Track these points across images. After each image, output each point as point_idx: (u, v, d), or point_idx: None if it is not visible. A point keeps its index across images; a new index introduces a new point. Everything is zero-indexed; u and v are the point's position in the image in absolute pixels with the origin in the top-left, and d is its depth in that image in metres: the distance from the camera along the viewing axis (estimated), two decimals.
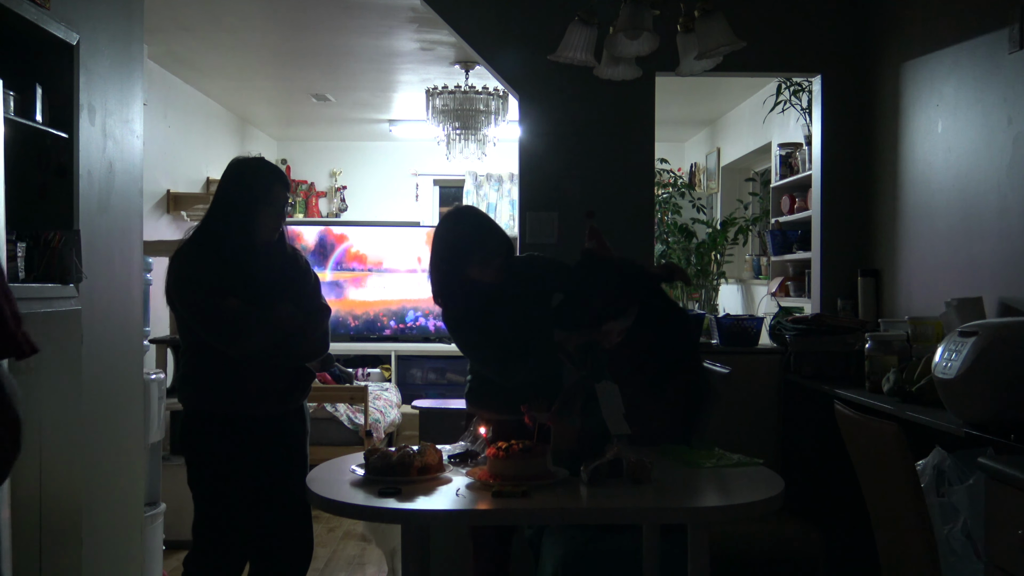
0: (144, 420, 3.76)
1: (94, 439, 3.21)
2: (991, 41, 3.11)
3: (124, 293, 3.45)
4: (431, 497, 2.14)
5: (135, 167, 3.65)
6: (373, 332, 7.85)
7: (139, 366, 3.68)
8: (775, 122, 5.65)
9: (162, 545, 4.02)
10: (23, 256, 2.85)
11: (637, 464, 2.20)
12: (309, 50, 5.61)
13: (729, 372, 3.00)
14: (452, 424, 3.36)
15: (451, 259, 2.79)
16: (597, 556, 2.66)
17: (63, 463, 2.92)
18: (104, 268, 3.31)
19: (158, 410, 3.98)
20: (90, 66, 3.23)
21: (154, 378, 3.95)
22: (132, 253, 3.54)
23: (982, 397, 2.35)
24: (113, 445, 3.42)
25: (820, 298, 4.17)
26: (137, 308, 3.63)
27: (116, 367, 3.45)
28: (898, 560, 2.31)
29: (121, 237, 3.45)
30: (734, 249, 6.86)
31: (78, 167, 3.11)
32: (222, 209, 2.81)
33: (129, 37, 3.62)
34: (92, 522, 3.15)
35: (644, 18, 2.67)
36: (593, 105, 4.08)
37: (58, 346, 2.93)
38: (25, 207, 2.97)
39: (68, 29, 3.06)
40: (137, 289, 3.61)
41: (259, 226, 2.79)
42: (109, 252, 3.34)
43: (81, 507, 3.05)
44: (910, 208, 3.71)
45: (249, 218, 2.78)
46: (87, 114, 3.20)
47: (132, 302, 3.56)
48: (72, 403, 3.01)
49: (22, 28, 2.89)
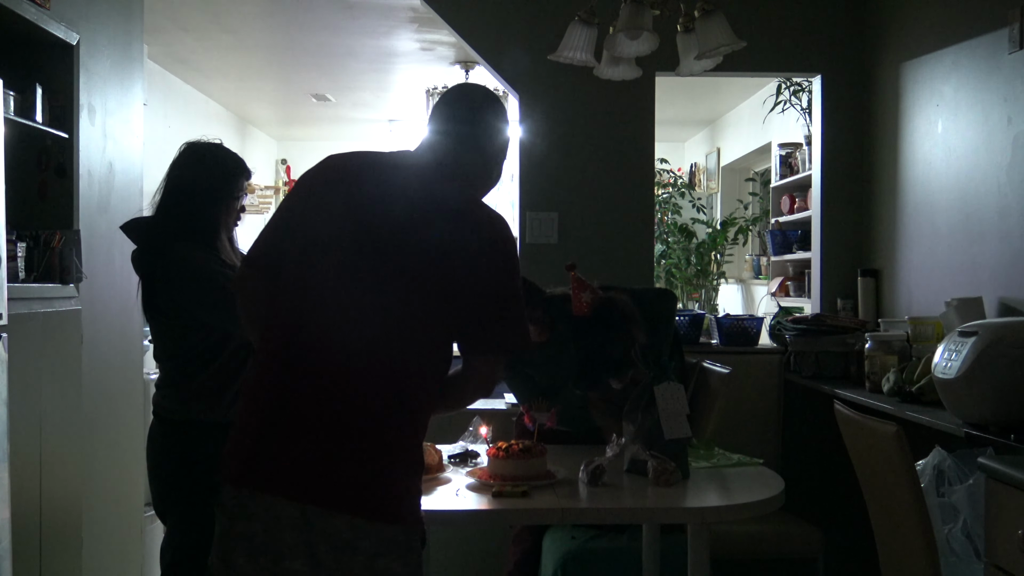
0: (144, 420, 3.76)
1: (94, 439, 3.21)
2: (991, 41, 3.11)
3: (124, 293, 3.45)
4: (431, 497, 2.13)
5: (135, 167, 3.65)
6: None
7: (139, 366, 3.68)
8: (775, 122, 5.65)
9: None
10: (23, 256, 2.85)
11: (662, 470, 2.20)
12: (309, 50, 5.61)
13: (729, 372, 3.00)
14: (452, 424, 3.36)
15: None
16: (597, 556, 2.66)
17: (63, 463, 2.93)
18: (104, 268, 3.32)
19: None
20: (90, 66, 3.23)
21: (154, 378, 3.94)
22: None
23: (982, 397, 2.35)
24: (113, 445, 3.42)
25: (820, 298, 4.17)
26: (137, 308, 3.62)
27: (116, 367, 3.45)
28: (898, 560, 2.31)
29: (121, 237, 3.44)
30: (734, 249, 6.86)
31: (78, 167, 3.11)
32: (184, 196, 2.42)
33: (129, 37, 3.62)
34: (92, 522, 3.15)
35: (644, 18, 2.67)
36: (593, 105, 4.08)
37: (58, 346, 2.94)
38: (25, 207, 2.97)
39: (68, 29, 3.06)
40: (137, 289, 3.60)
41: (225, 220, 2.49)
42: (109, 252, 3.34)
43: (81, 507, 3.05)
44: (910, 208, 3.71)
45: (217, 209, 2.46)
46: (87, 114, 3.20)
47: (132, 302, 3.55)
48: (72, 403, 3.01)
49: (22, 28, 2.89)
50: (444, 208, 1.71)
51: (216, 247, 2.44)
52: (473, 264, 1.67)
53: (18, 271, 2.80)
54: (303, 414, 1.61)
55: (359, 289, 1.65)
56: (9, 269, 2.83)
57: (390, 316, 1.64)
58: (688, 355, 3.30)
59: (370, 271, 1.65)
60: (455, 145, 1.80)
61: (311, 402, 1.61)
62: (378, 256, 1.65)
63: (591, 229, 4.09)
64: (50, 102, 3.05)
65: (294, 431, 1.60)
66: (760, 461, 2.47)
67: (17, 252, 2.83)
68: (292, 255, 1.70)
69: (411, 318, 1.64)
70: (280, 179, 8.70)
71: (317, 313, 1.66)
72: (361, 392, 1.61)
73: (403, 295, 1.64)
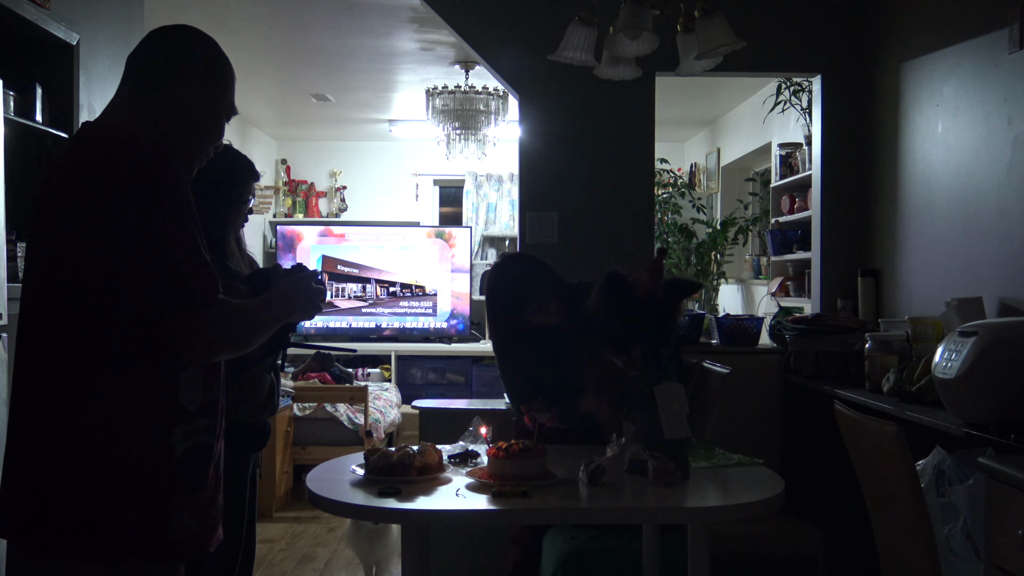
0: None
1: None
2: (991, 41, 3.11)
3: None
4: (431, 497, 2.14)
5: None
6: (373, 332, 7.87)
7: None
8: (775, 122, 5.65)
9: None
10: (23, 256, 2.85)
11: (662, 470, 2.20)
12: (309, 50, 5.61)
13: (729, 372, 3.00)
14: (452, 424, 3.36)
15: (501, 315, 2.89)
16: (597, 556, 2.66)
17: None
18: None
19: None
20: (90, 66, 3.23)
21: None
22: None
23: (982, 397, 2.35)
24: None
25: (820, 298, 4.17)
26: None
27: None
28: (898, 560, 2.31)
29: None
30: (734, 249, 6.86)
31: None
32: (197, 198, 2.43)
33: (129, 37, 3.62)
34: None
35: (644, 18, 2.67)
36: (593, 105, 4.08)
37: None
38: (25, 207, 2.97)
39: (68, 29, 3.06)
40: None
41: (233, 223, 2.49)
42: None
43: None
44: (910, 208, 3.71)
45: (227, 213, 2.45)
46: (87, 114, 3.21)
47: None
48: None
49: (22, 28, 2.89)
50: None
51: (224, 252, 2.42)
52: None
53: (18, 271, 2.80)
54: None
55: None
56: (9, 269, 2.83)
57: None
58: (688, 355, 3.30)
59: None
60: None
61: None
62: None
63: (591, 229, 4.09)
64: (50, 102, 3.06)
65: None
66: (760, 461, 2.47)
67: (17, 252, 2.83)
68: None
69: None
70: (280, 179, 8.71)
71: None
72: None
73: None
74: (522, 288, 2.85)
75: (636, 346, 2.38)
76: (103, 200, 1.52)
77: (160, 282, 1.53)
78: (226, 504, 2.01)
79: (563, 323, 2.86)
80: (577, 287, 2.94)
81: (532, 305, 2.84)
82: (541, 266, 2.93)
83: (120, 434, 1.54)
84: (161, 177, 1.55)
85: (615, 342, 2.43)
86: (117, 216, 1.51)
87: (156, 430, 1.57)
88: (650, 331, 2.36)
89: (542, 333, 2.88)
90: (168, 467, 1.58)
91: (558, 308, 2.85)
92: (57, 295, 1.56)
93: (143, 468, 1.56)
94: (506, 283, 2.90)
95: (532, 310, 2.85)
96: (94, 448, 1.53)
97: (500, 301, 2.91)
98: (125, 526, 1.54)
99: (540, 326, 2.88)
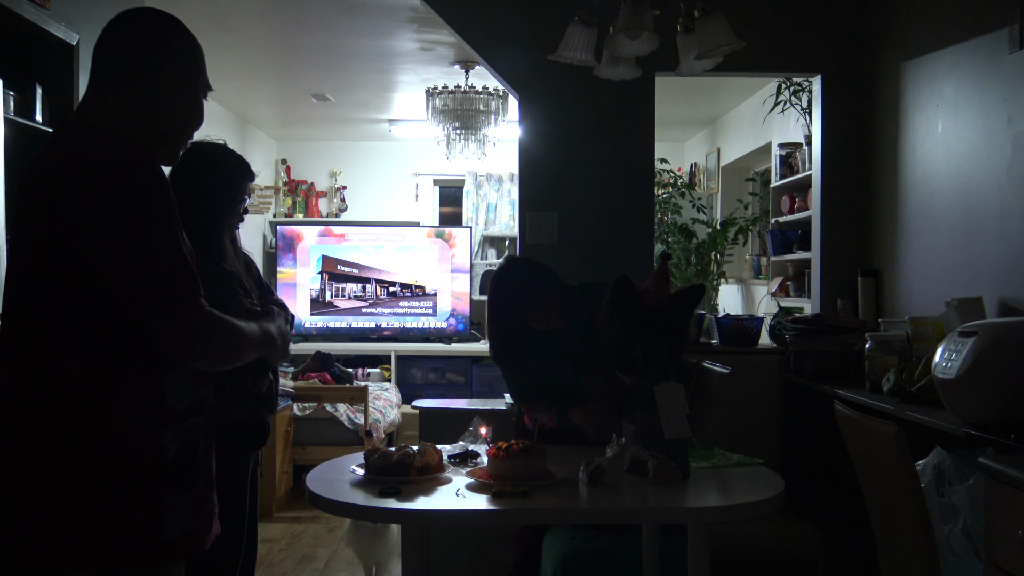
0: None
1: None
2: (991, 41, 3.11)
3: None
4: (431, 497, 2.14)
5: None
6: (373, 332, 7.87)
7: None
8: (775, 122, 5.65)
9: None
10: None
11: (662, 470, 2.20)
12: (309, 50, 5.61)
13: (729, 372, 3.00)
14: (452, 424, 3.36)
15: (502, 319, 2.89)
16: (597, 556, 2.66)
17: None
18: None
19: None
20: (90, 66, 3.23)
21: None
22: None
23: (982, 397, 2.35)
24: None
25: (820, 298, 4.17)
26: None
27: None
28: (898, 560, 2.31)
29: None
30: (734, 249, 6.86)
31: None
32: (189, 199, 2.23)
33: None
34: None
35: (644, 18, 2.67)
36: (593, 105, 4.08)
37: None
38: None
39: (68, 29, 3.06)
40: None
41: (228, 223, 2.48)
42: None
43: None
44: (910, 208, 3.71)
45: (222, 213, 2.44)
46: None
47: None
48: None
49: (22, 28, 2.89)
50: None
51: (219, 252, 2.42)
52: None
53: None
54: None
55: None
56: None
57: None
58: (688, 355, 3.30)
59: None
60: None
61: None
62: None
63: (591, 229, 4.09)
64: (50, 102, 3.06)
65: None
66: (760, 461, 2.47)
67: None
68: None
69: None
70: (280, 179, 8.71)
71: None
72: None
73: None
74: (525, 291, 2.85)
75: (637, 347, 2.38)
76: (83, 204, 1.50)
77: (141, 284, 1.52)
78: (227, 504, 2.02)
79: (564, 329, 2.87)
80: (578, 288, 2.95)
81: (534, 311, 2.85)
82: (544, 270, 2.93)
83: (110, 439, 1.53)
84: (141, 180, 1.54)
85: (626, 362, 2.43)
86: (98, 220, 1.50)
87: (146, 433, 1.56)
88: (655, 334, 2.37)
89: (543, 336, 2.88)
90: (159, 469, 1.57)
91: (559, 317, 2.86)
92: (39, 298, 1.55)
93: (134, 472, 1.54)
94: (509, 285, 2.90)
95: (534, 315, 2.85)
96: (83, 453, 1.51)
97: (503, 302, 2.91)
98: (118, 531, 1.52)
99: (540, 330, 2.88)
